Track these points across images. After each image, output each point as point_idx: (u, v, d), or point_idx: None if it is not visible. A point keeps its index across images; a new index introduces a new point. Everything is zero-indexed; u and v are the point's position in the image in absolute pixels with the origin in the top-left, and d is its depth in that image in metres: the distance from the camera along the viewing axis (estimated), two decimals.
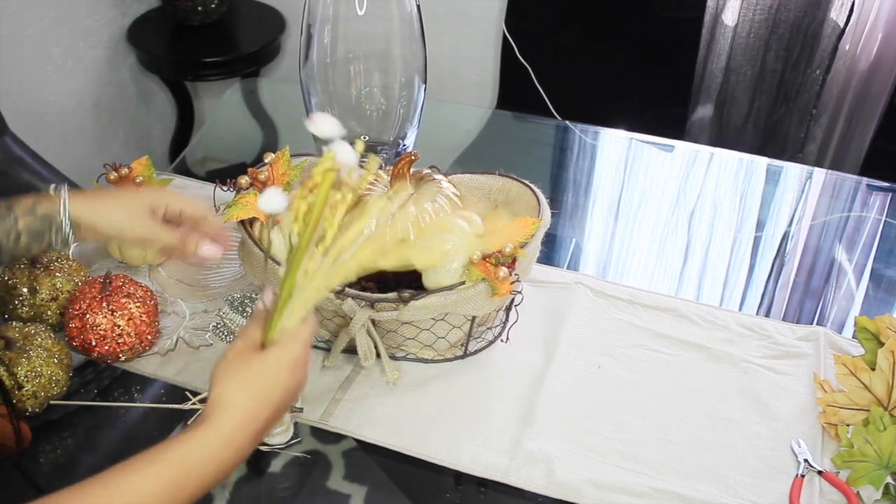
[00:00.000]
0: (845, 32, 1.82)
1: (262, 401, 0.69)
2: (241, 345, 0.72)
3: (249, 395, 0.69)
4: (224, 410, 0.67)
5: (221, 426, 0.66)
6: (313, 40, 1.20)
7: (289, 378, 0.71)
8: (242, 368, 0.70)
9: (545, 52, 2.16)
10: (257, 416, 0.68)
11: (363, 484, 0.87)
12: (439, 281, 0.91)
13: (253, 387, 0.69)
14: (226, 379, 0.69)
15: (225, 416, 0.67)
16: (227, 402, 0.68)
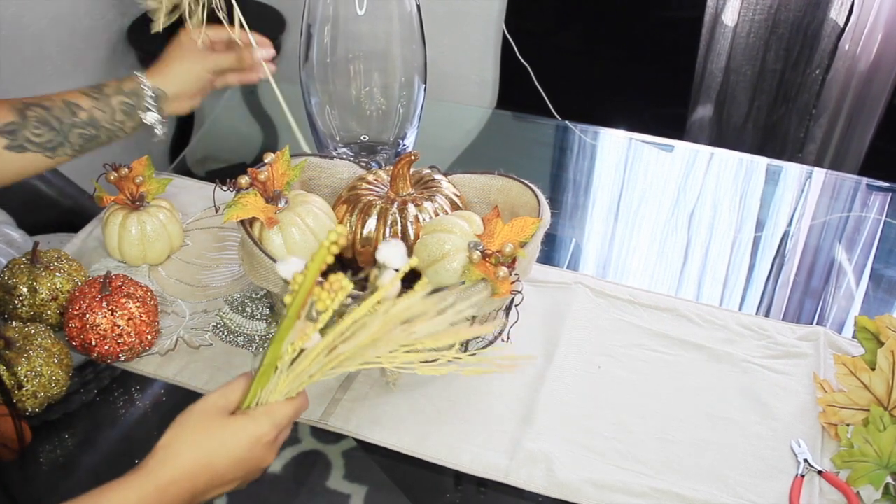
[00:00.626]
0: (845, 32, 1.82)
1: (206, 465, 0.67)
2: (212, 402, 0.70)
3: (196, 454, 0.67)
4: (164, 461, 0.66)
5: (158, 477, 0.65)
6: (313, 40, 1.20)
7: (244, 452, 0.68)
8: (199, 426, 0.68)
9: (545, 52, 2.16)
10: (196, 478, 0.67)
11: (363, 484, 0.87)
12: (439, 281, 0.91)
13: (201, 448, 0.67)
14: (179, 430, 0.68)
15: (163, 468, 0.66)
16: (169, 454, 0.67)
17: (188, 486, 0.66)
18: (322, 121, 1.25)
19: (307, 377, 0.70)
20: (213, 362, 0.99)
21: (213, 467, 0.67)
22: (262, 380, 0.70)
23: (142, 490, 0.65)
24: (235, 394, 0.71)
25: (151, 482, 0.65)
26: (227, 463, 0.68)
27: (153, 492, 0.65)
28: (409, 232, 0.99)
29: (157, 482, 0.65)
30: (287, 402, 0.71)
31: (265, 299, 1.07)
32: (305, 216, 0.97)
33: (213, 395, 0.70)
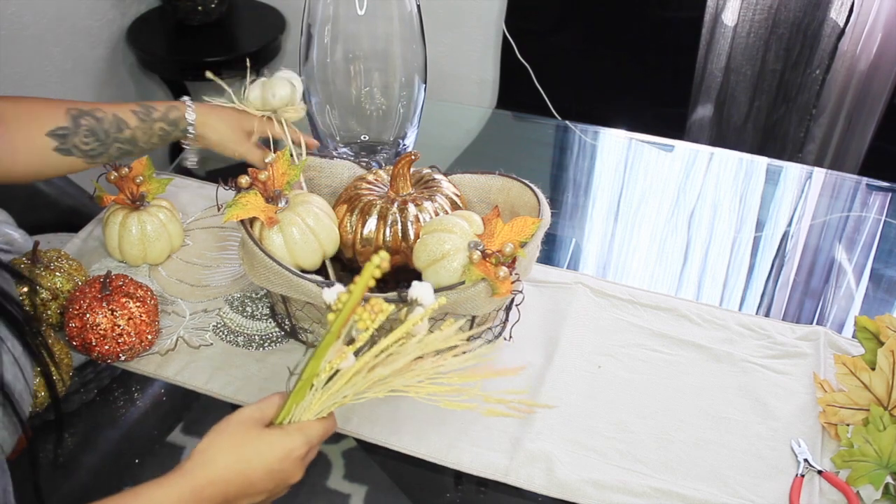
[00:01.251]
0: (845, 32, 1.82)
1: (240, 472, 0.70)
2: (249, 413, 0.72)
3: (231, 460, 0.69)
4: (201, 464, 0.69)
5: (194, 478, 0.68)
6: (313, 40, 1.20)
7: (276, 464, 0.71)
8: (237, 434, 0.71)
9: (545, 52, 2.16)
10: (230, 483, 0.69)
11: (363, 483, 0.87)
12: (439, 281, 0.91)
13: (237, 455, 0.70)
14: (217, 436, 0.71)
15: (200, 469, 0.68)
16: (206, 458, 0.69)
17: (222, 489, 0.69)
18: (322, 121, 1.25)
19: (340, 398, 0.72)
20: (213, 362, 0.99)
21: (246, 475, 0.70)
22: (298, 396, 0.72)
23: (179, 489, 0.67)
24: (271, 409, 0.73)
25: (188, 482, 0.68)
26: (260, 472, 0.70)
27: (189, 492, 0.67)
28: (409, 232, 0.99)
29: (193, 483, 0.68)
30: (318, 421, 0.74)
31: (265, 299, 1.07)
32: (306, 216, 0.97)
33: (249, 407, 0.73)
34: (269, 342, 1.02)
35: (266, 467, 0.70)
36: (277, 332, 1.03)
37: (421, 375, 0.71)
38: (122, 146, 1.00)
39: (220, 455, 0.69)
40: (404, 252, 0.99)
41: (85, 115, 0.96)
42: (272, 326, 1.04)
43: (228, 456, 0.69)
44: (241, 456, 0.70)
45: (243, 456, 0.70)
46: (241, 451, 0.70)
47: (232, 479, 0.69)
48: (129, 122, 0.99)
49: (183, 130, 1.04)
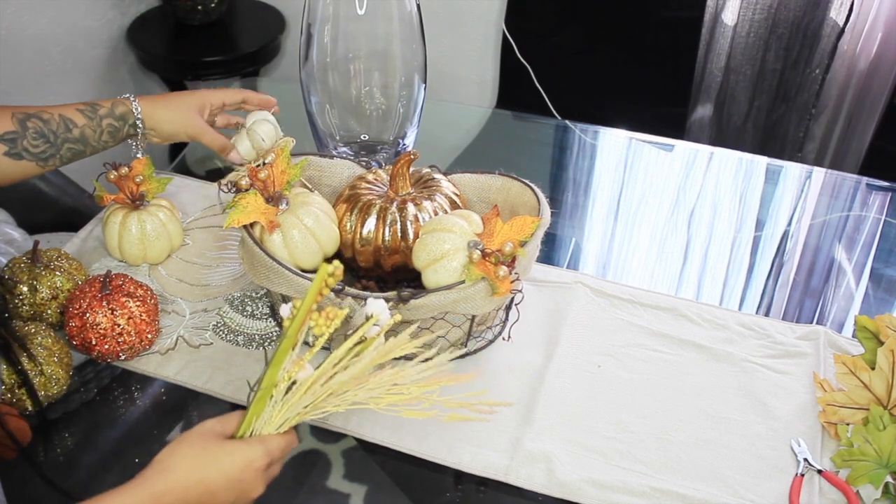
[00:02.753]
0: (845, 32, 1.82)
1: (199, 481, 0.70)
2: (210, 425, 0.73)
3: (190, 468, 0.70)
4: (160, 471, 0.70)
5: (153, 485, 0.69)
6: (313, 40, 1.20)
7: (236, 473, 0.71)
8: (197, 444, 0.72)
9: (545, 52, 2.16)
10: (189, 491, 0.70)
11: (363, 483, 0.87)
12: (439, 280, 0.92)
13: (197, 463, 0.70)
14: (178, 446, 0.71)
15: (159, 477, 0.69)
16: (166, 466, 0.70)
17: (181, 496, 0.69)
18: (322, 120, 1.25)
19: (300, 409, 0.73)
20: (213, 361, 0.99)
21: (206, 483, 0.70)
22: (258, 408, 0.73)
23: (137, 497, 0.68)
24: (231, 423, 0.74)
25: (147, 489, 0.68)
26: (219, 481, 0.71)
27: (148, 498, 0.68)
28: (408, 231, 0.99)
29: (151, 490, 0.68)
30: (279, 434, 0.75)
31: (265, 298, 1.07)
32: (306, 217, 0.97)
33: (210, 420, 0.74)
34: (269, 342, 1.02)
35: (226, 476, 0.71)
36: (277, 332, 1.03)
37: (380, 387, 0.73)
38: (73, 146, 1.00)
39: (180, 463, 0.70)
40: (404, 252, 0.99)
41: (31, 118, 0.97)
42: (272, 326, 1.04)
43: (188, 464, 0.70)
44: (200, 464, 0.70)
45: (203, 465, 0.70)
46: (200, 460, 0.70)
47: (191, 487, 0.70)
48: (76, 121, 1.00)
49: (132, 125, 1.04)
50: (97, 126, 1.02)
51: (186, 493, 0.69)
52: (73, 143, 1.00)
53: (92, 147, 1.03)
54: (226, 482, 0.71)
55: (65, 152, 1.00)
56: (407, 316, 0.92)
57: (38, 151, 0.98)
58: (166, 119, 1.06)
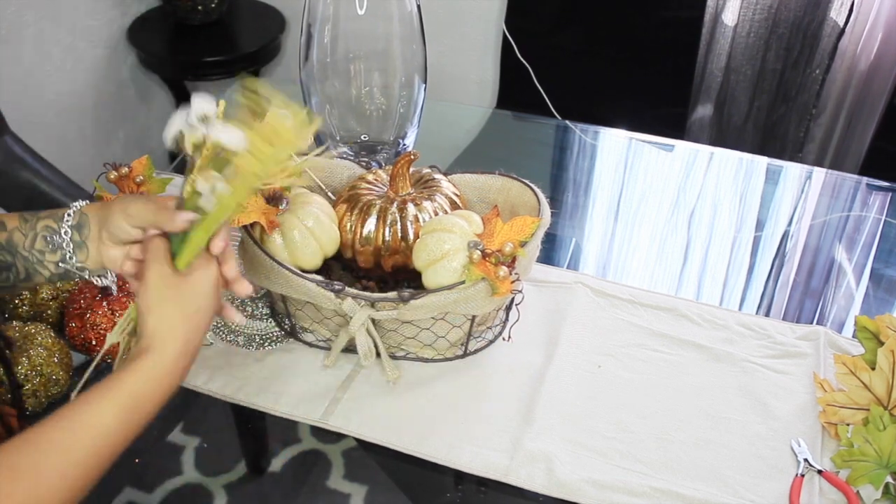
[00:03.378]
0: (845, 32, 1.82)
1: (195, 329, 0.72)
2: (160, 270, 0.72)
3: (184, 325, 0.71)
4: (164, 342, 0.70)
5: (164, 356, 0.70)
6: (313, 40, 1.20)
7: (213, 301, 0.74)
8: (173, 296, 0.72)
9: (545, 52, 2.16)
10: (193, 343, 0.72)
11: (363, 483, 0.87)
12: (439, 280, 0.91)
13: (187, 316, 0.72)
14: (159, 308, 0.71)
15: (167, 347, 0.70)
16: (165, 334, 0.70)
17: (189, 354, 0.72)
18: (322, 121, 1.25)
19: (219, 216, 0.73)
20: (212, 361, 0.99)
21: (199, 326, 0.73)
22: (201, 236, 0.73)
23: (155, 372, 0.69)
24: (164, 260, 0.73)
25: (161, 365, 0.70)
26: (206, 319, 0.74)
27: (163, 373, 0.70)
28: (408, 231, 0.99)
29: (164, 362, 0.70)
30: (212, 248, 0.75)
31: (265, 299, 1.07)
32: (306, 218, 0.97)
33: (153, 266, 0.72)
34: (269, 342, 1.02)
35: (207, 308, 0.73)
36: (277, 332, 1.03)
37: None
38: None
39: (177, 325, 0.71)
40: (404, 252, 0.99)
41: None
42: (272, 326, 1.04)
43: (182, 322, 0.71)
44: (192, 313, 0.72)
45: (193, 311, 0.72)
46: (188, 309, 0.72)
47: (191, 339, 0.72)
48: (7, 223, 0.77)
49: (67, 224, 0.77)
50: (30, 229, 0.77)
51: (191, 349, 0.72)
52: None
53: (24, 259, 0.77)
54: (208, 312, 0.74)
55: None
56: (407, 316, 0.92)
57: None
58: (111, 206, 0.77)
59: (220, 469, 0.89)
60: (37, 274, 0.79)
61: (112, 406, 0.67)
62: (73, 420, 0.65)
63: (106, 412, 0.66)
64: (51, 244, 0.78)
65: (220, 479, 0.88)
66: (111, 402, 0.67)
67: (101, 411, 0.66)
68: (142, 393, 0.68)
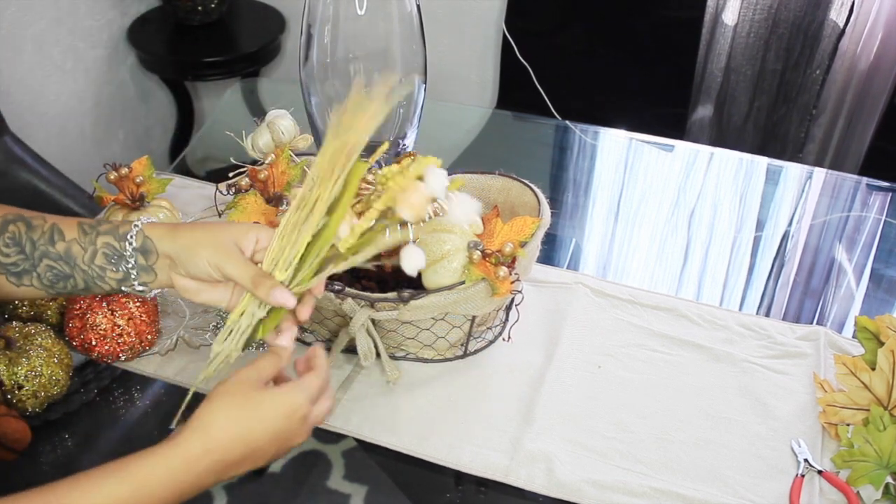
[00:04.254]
0: (845, 32, 1.82)
1: (240, 438, 0.65)
2: (245, 375, 0.69)
3: (230, 425, 0.65)
4: (197, 431, 0.65)
5: (189, 448, 0.64)
6: (313, 40, 1.20)
7: (281, 426, 0.67)
8: (235, 399, 0.67)
9: (545, 52, 2.16)
10: (230, 451, 0.65)
11: (363, 484, 0.87)
12: (439, 281, 0.91)
13: (237, 420, 0.65)
14: (214, 402, 0.66)
15: (196, 438, 0.64)
16: (204, 424, 0.65)
17: (220, 458, 0.65)
18: (322, 121, 1.25)
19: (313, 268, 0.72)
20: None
21: (247, 440, 0.66)
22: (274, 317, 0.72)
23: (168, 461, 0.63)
24: (267, 369, 0.70)
25: (180, 453, 0.63)
26: (263, 436, 0.67)
27: (179, 464, 0.63)
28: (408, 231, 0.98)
29: (186, 454, 0.63)
30: (314, 374, 0.71)
31: None
32: None
33: (245, 369, 0.69)
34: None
35: (269, 429, 0.67)
36: None
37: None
38: (55, 264, 0.76)
39: (219, 420, 0.65)
40: None
41: (17, 221, 0.76)
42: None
43: (228, 423, 0.65)
44: (242, 421, 0.65)
45: (243, 419, 0.65)
46: (242, 417, 0.65)
47: (233, 445, 0.65)
48: (65, 233, 0.76)
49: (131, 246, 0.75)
50: (90, 243, 0.75)
51: (227, 453, 0.64)
52: (54, 259, 0.76)
53: (83, 273, 0.76)
54: (269, 436, 0.66)
55: (43, 270, 0.76)
56: (407, 316, 0.92)
57: (8, 262, 0.76)
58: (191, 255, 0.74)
59: None
60: (97, 287, 0.77)
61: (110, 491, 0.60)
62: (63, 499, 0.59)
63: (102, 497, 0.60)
64: (113, 263, 0.76)
65: None
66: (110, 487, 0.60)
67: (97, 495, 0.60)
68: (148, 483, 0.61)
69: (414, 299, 0.90)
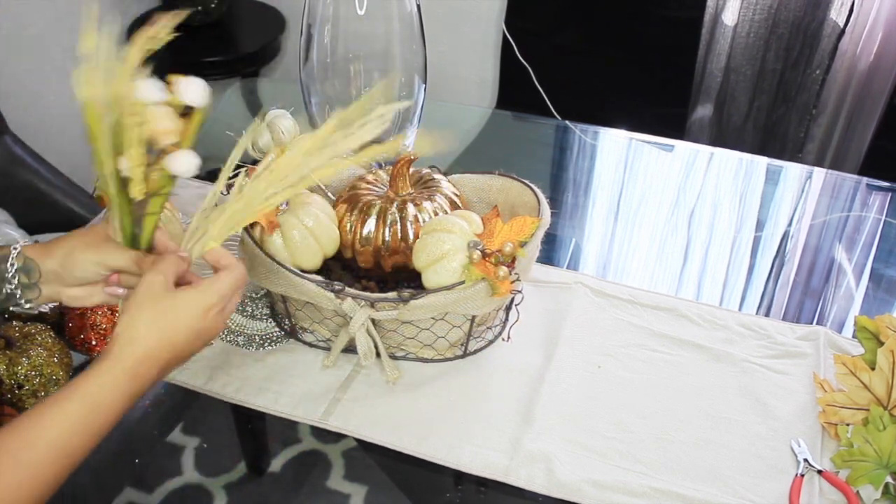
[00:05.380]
0: (845, 32, 1.82)
1: (165, 340, 0.71)
2: (153, 280, 0.72)
3: (152, 331, 0.70)
4: (126, 344, 0.69)
5: (124, 360, 0.68)
6: (313, 40, 1.20)
7: (197, 322, 0.72)
8: (150, 305, 0.71)
9: (545, 52, 2.17)
10: (160, 353, 0.70)
11: (363, 484, 0.87)
12: (439, 280, 0.91)
13: (158, 324, 0.71)
14: (133, 313, 0.71)
15: (127, 350, 0.69)
16: (130, 336, 0.70)
17: (154, 363, 0.70)
18: (322, 121, 1.25)
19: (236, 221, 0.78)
20: (213, 361, 0.99)
21: (172, 342, 0.71)
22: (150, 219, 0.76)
23: (113, 376, 0.68)
24: (170, 271, 0.74)
25: (119, 366, 0.68)
26: (184, 336, 0.72)
27: (121, 374, 0.68)
28: (408, 232, 0.99)
29: (124, 365, 0.69)
30: (226, 272, 0.76)
31: (265, 299, 1.07)
32: (305, 218, 0.97)
33: (149, 275, 0.73)
34: (269, 342, 1.02)
35: (189, 328, 0.72)
36: (277, 332, 1.03)
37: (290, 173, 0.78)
38: None
39: (142, 331, 0.70)
40: (404, 252, 0.99)
41: None
42: (272, 326, 1.04)
43: (151, 330, 0.70)
44: (162, 326, 0.71)
45: (164, 325, 0.71)
46: (161, 322, 0.71)
47: (160, 349, 0.70)
48: None
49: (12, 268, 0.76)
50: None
51: (158, 358, 0.70)
52: None
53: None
54: (191, 334, 0.72)
55: None
56: (407, 316, 0.92)
57: None
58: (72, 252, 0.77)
59: (220, 469, 0.89)
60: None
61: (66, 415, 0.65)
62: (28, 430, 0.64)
63: (60, 421, 0.65)
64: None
65: (220, 480, 0.88)
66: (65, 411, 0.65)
67: (57, 419, 0.64)
68: (99, 399, 0.67)
69: (414, 299, 0.90)
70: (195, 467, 0.89)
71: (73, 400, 0.66)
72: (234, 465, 0.89)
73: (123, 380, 0.68)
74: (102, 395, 0.67)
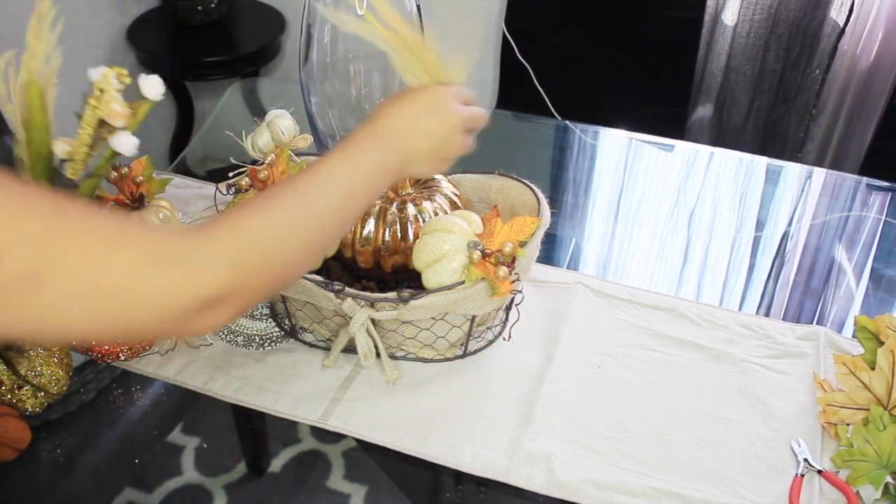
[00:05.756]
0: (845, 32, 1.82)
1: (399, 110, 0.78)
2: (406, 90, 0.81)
3: (388, 104, 0.78)
4: (372, 121, 0.76)
5: (378, 132, 0.75)
6: (313, 40, 1.20)
7: (445, 108, 0.79)
8: (401, 96, 0.80)
9: (545, 52, 2.17)
10: (393, 124, 0.77)
11: (363, 484, 0.87)
12: (439, 281, 0.91)
13: (396, 99, 0.79)
14: (385, 106, 0.79)
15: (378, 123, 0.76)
16: (374, 115, 0.77)
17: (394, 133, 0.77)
18: (322, 121, 1.25)
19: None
20: (212, 362, 0.99)
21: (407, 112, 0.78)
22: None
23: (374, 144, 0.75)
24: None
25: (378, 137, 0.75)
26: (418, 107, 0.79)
27: (382, 145, 0.75)
28: (408, 232, 0.99)
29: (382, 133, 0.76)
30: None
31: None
32: None
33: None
34: (269, 342, 1.02)
35: (422, 100, 0.79)
36: (277, 332, 1.03)
37: None
38: None
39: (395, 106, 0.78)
40: (404, 252, 0.99)
41: None
42: (272, 326, 1.04)
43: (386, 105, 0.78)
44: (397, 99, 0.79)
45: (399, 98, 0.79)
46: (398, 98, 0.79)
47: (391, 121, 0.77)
48: None
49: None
50: None
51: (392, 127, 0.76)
52: None
53: None
54: (423, 107, 0.79)
55: None
56: (407, 316, 0.92)
57: None
58: None
59: (220, 469, 0.89)
60: None
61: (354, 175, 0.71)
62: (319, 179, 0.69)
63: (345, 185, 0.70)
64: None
65: (220, 480, 0.88)
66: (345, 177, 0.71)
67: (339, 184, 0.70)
68: (371, 166, 0.73)
69: (414, 299, 0.90)
70: (195, 467, 0.89)
71: (348, 168, 0.71)
72: (234, 465, 0.89)
73: (382, 150, 0.74)
74: (371, 164, 0.73)
